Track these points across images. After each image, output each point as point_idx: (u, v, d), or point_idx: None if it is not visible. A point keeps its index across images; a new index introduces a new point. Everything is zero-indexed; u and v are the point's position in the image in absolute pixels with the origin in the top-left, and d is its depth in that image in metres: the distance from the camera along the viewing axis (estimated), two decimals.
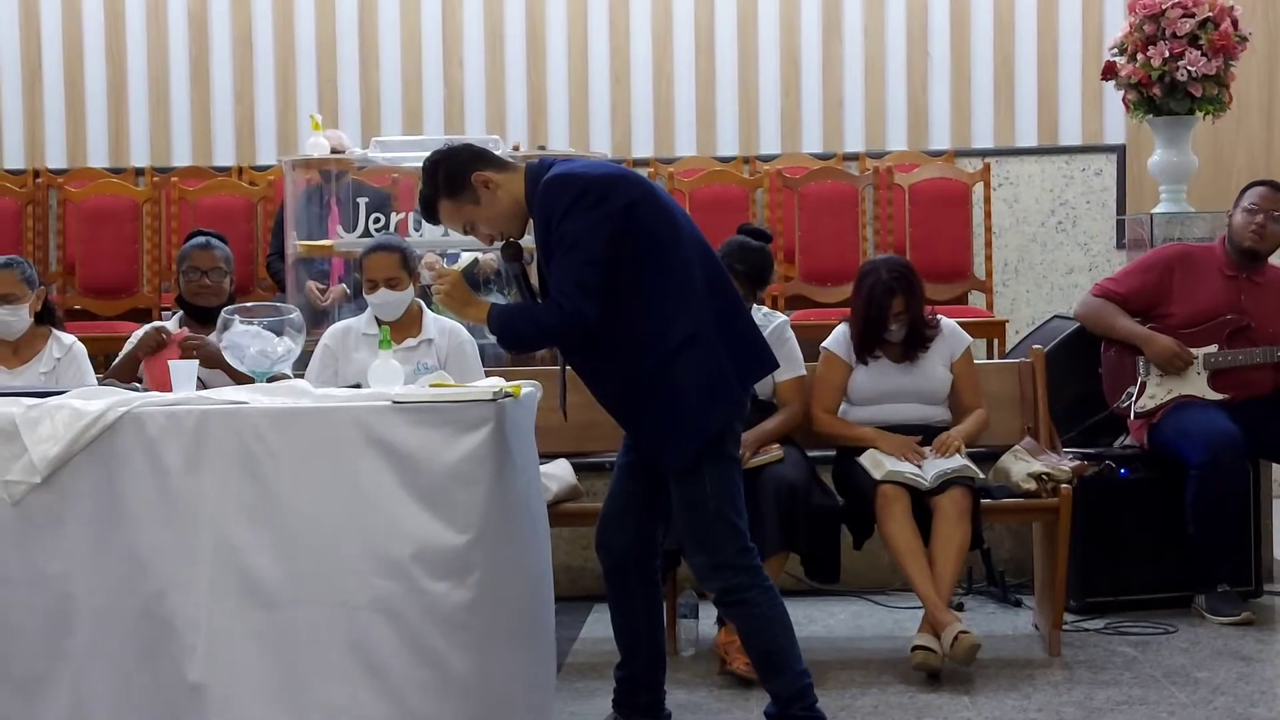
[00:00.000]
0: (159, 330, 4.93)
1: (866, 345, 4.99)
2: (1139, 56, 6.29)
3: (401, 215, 6.33)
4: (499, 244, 3.77)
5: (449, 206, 3.67)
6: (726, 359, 3.61)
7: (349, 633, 3.49)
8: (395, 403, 3.56)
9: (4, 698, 3.58)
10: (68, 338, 5.01)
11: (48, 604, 3.54)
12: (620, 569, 3.82)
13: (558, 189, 3.54)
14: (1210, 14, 6.22)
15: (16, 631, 3.56)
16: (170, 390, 3.90)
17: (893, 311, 4.91)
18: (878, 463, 4.76)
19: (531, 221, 3.65)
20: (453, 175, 3.64)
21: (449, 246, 6.29)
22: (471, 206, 3.65)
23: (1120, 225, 7.93)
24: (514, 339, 3.68)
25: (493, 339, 3.75)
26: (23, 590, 3.54)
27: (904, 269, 4.98)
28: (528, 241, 3.72)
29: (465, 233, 3.75)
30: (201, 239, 5.31)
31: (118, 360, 5.06)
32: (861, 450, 4.86)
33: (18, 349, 4.94)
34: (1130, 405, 5.43)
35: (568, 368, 3.79)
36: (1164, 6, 6.23)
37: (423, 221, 6.26)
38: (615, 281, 3.51)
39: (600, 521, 3.85)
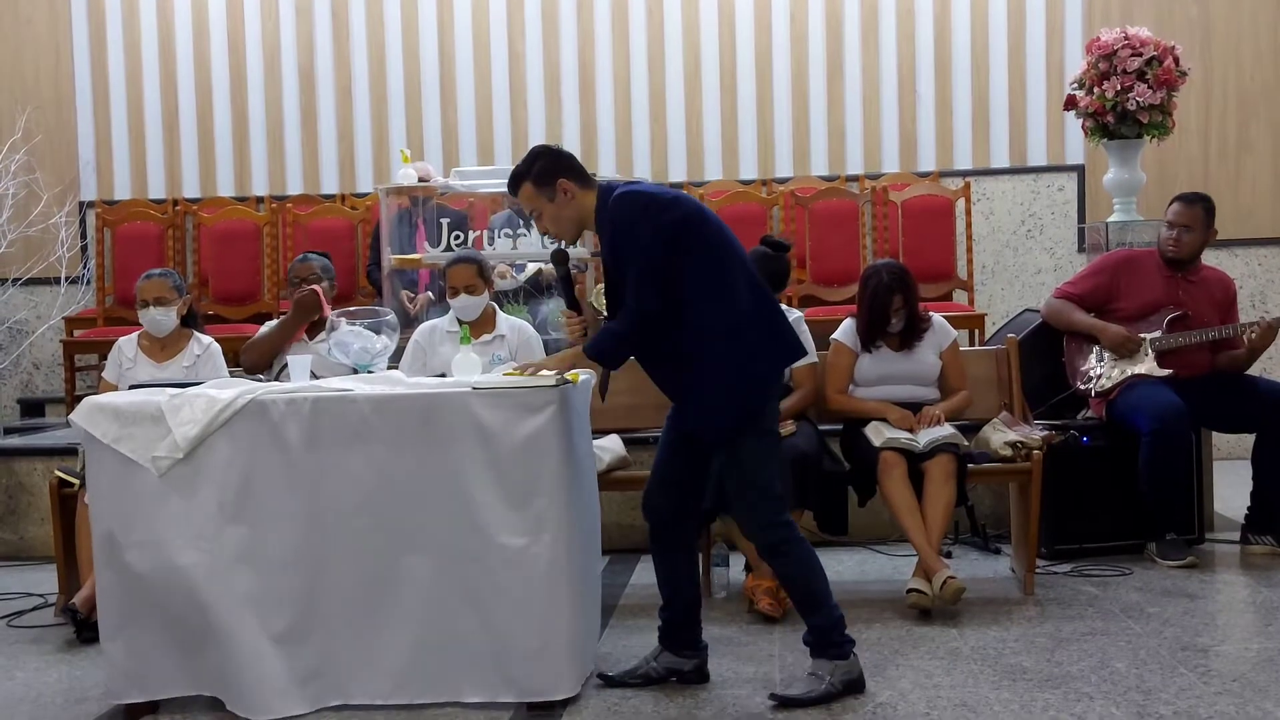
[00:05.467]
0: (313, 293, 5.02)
1: (871, 336, 4.95)
2: (1095, 90, 6.23)
3: (478, 233, 6.33)
4: (552, 247, 3.73)
5: (530, 190, 3.63)
6: (762, 347, 3.58)
7: (448, 578, 3.53)
8: (475, 389, 3.58)
9: (155, 638, 3.61)
10: (206, 339, 5.04)
11: (188, 559, 3.55)
12: (662, 527, 3.79)
13: (626, 204, 3.53)
14: (1155, 53, 6.14)
15: (163, 583, 3.57)
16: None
17: (893, 307, 4.87)
18: (879, 432, 4.74)
19: (588, 233, 3.62)
20: (545, 170, 3.61)
21: (516, 259, 6.29)
22: (546, 201, 3.62)
23: (1080, 232, 7.87)
24: (608, 357, 3.62)
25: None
26: (168, 548, 3.56)
27: (902, 271, 4.93)
28: (575, 251, 3.70)
29: (531, 215, 3.72)
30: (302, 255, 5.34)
31: (255, 337, 5.07)
32: (865, 424, 4.84)
33: (165, 345, 4.97)
34: (1091, 386, 5.40)
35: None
36: (1116, 47, 6.16)
37: (494, 237, 6.28)
38: (672, 284, 3.49)
39: (646, 487, 3.83)
